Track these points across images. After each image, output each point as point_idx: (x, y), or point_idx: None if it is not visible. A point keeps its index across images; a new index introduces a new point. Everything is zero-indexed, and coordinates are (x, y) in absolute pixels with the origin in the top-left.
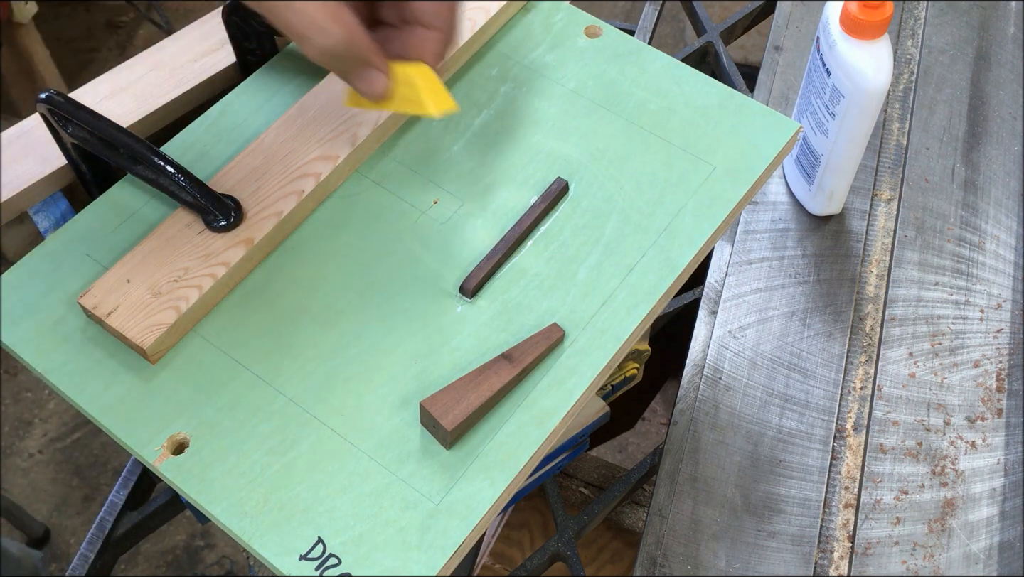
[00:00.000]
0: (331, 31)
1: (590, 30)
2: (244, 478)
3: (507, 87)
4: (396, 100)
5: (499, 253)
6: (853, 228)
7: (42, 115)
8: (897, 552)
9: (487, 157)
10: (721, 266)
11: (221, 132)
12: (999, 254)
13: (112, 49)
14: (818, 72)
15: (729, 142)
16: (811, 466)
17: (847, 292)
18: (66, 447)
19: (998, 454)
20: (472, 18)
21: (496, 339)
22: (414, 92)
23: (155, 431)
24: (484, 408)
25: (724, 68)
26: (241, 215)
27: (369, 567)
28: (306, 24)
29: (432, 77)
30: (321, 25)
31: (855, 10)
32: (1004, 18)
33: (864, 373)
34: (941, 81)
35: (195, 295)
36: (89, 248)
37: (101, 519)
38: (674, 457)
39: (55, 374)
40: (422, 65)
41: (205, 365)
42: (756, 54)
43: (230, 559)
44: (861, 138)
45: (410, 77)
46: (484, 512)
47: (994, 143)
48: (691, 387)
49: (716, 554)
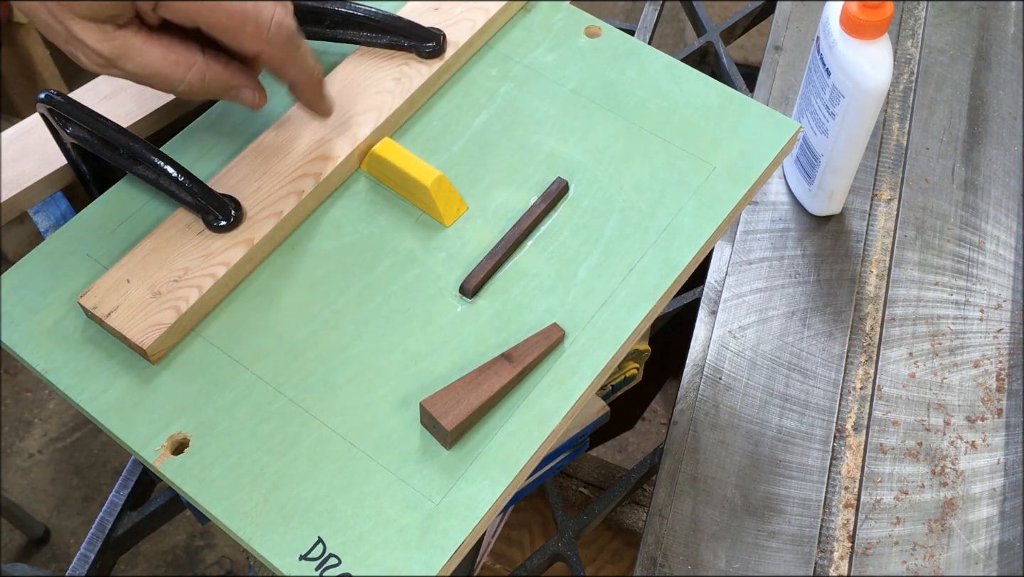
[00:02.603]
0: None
1: (590, 30)
2: (244, 478)
3: (507, 87)
4: (414, 199)
5: (499, 253)
6: (853, 228)
7: (42, 115)
8: (897, 552)
9: (487, 157)
10: (721, 266)
11: (221, 132)
12: (999, 254)
13: None
14: (818, 72)
15: (729, 142)
16: (811, 466)
17: (847, 292)
18: (66, 447)
19: (998, 454)
20: (472, 18)
21: (496, 339)
22: (430, 199)
23: (155, 431)
24: (484, 408)
25: (724, 68)
26: (241, 215)
27: (369, 567)
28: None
29: (447, 186)
30: (169, 75)
31: (855, 10)
32: (1004, 18)
33: (864, 373)
34: (941, 81)
35: (195, 295)
36: (89, 248)
37: (101, 519)
38: (674, 457)
39: (55, 374)
40: (440, 176)
41: (205, 365)
42: (756, 54)
43: (230, 559)
44: (861, 138)
45: (426, 188)
46: (484, 512)
47: (994, 143)
48: (691, 387)
49: (716, 554)
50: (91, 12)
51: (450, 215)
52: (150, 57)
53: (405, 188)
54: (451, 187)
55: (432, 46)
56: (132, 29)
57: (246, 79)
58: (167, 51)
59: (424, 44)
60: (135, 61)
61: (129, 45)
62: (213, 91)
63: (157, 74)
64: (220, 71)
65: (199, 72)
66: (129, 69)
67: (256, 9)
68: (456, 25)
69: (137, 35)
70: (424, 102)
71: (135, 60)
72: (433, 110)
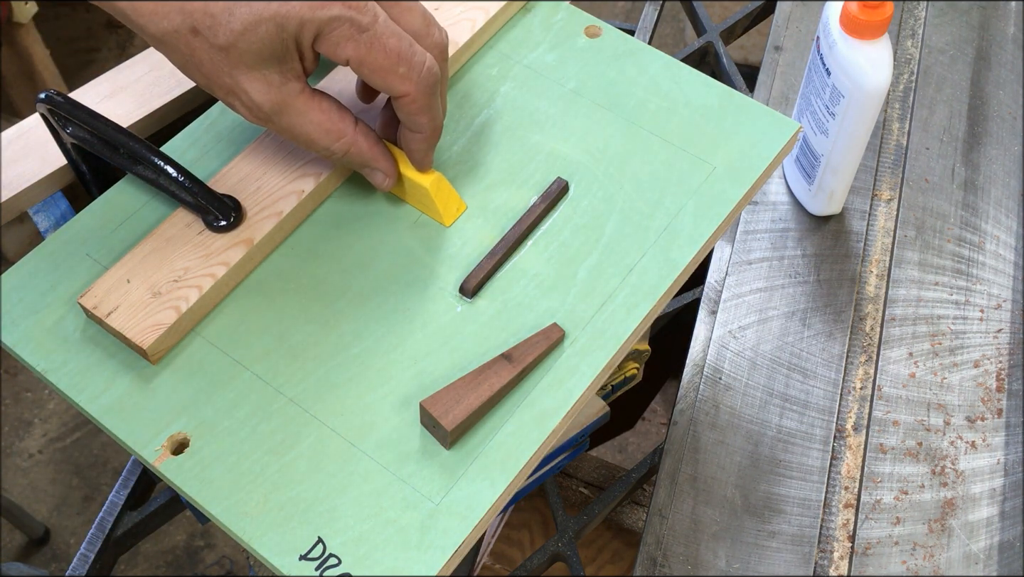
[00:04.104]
0: (329, 147)
1: (590, 30)
2: (244, 478)
3: (507, 87)
4: (414, 200)
5: (499, 253)
6: (853, 228)
7: (42, 115)
8: (897, 552)
9: (487, 157)
10: (721, 266)
11: (221, 132)
12: (999, 254)
13: (112, 49)
14: (818, 72)
15: (729, 142)
16: (811, 466)
17: (847, 292)
18: (66, 447)
19: (998, 454)
20: (472, 18)
21: (496, 339)
22: (429, 200)
23: (155, 431)
24: (484, 408)
25: (724, 68)
26: (241, 215)
27: (369, 567)
28: (309, 142)
29: (446, 187)
30: (318, 141)
31: (855, 10)
32: (1004, 18)
33: (864, 373)
34: (941, 81)
35: (195, 295)
36: (89, 248)
37: (101, 519)
38: (674, 457)
39: (55, 374)
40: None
41: (205, 365)
42: (756, 54)
43: (230, 559)
44: (861, 138)
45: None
46: (484, 512)
47: (994, 143)
48: (691, 387)
49: (716, 554)
50: (257, 56)
51: (450, 215)
52: (306, 120)
53: (405, 189)
54: (450, 187)
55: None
56: (297, 86)
57: (385, 162)
58: (323, 117)
59: None
60: (291, 120)
61: (290, 103)
62: (352, 164)
63: (307, 136)
64: (365, 149)
65: (344, 145)
66: (284, 126)
67: (411, 51)
68: (456, 25)
69: (301, 94)
70: None
71: (291, 119)
72: None
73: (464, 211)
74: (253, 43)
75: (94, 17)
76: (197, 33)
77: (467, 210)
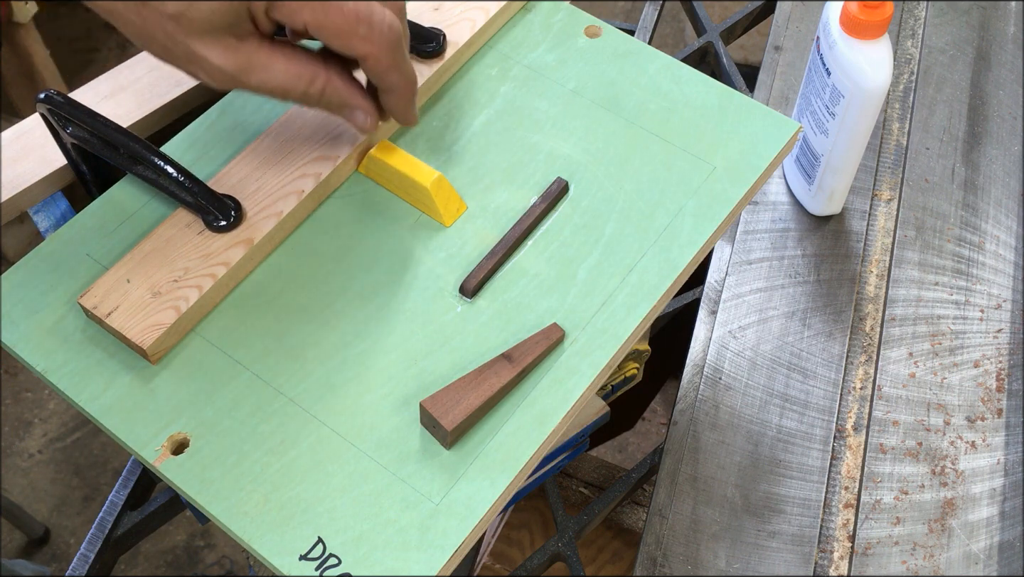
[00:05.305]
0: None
1: (590, 30)
2: (244, 478)
3: (507, 87)
4: (414, 200)
5: (499, 253)
6: (853, 228)
7: (42, 115)
8: (897, 552)
9: (487, 157)
10: (721, 266)
11: (221, 132)
12: (999, 254)
13: (112, 49)
14: (818, 72)
15: (729, 142)
16: (811, 466)
17: (847, 292)
18: (66, 447)
19: (998, 454)
20: (472, 18)
21: (496, 339)
22: (429, 200)
23: (155, 431)
24: (484, 408)
25: (724, 68)
26: (241, 215)
27: (369, 567)
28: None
29: (446, 187)
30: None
31: (855, 10)
32: (1004, 18)
33: (864, 373)
34: (941, 81)
35: (195, 295)
36: (89, 248)
37: (101, 519)
38: (674, 457)
39: (55, 374)
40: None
41: (205, 365)
42: (756, 54)
43: (230, 559)
44: (861, 138)
45: (426, 189)
46: (484, 512)
47: (994, 143)
48: (691, 387)
49: (716, 554)
50: (208, 24)
51: (450, 215)
52: (274, 72)
53: (405, 189)
54: (451, 187)
55: (432, 46)
56: (254, 43)
57: (363, 100)
58: (290, 64)
59: (424, 44)
60: (259, 75)
61: (252, 59)
62: (329, 106)
63: (280, 87)
64: (340, 87)
65: (320, 86)
66: (254, 84)
67: (368, 10)
68: (456, 25)
69: (260, 49)
70: (424, 102)
71: (259, 75)
72: (433, 110)
73: (464, 211)
74: (203, 10)
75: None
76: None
77: (467, 210)
